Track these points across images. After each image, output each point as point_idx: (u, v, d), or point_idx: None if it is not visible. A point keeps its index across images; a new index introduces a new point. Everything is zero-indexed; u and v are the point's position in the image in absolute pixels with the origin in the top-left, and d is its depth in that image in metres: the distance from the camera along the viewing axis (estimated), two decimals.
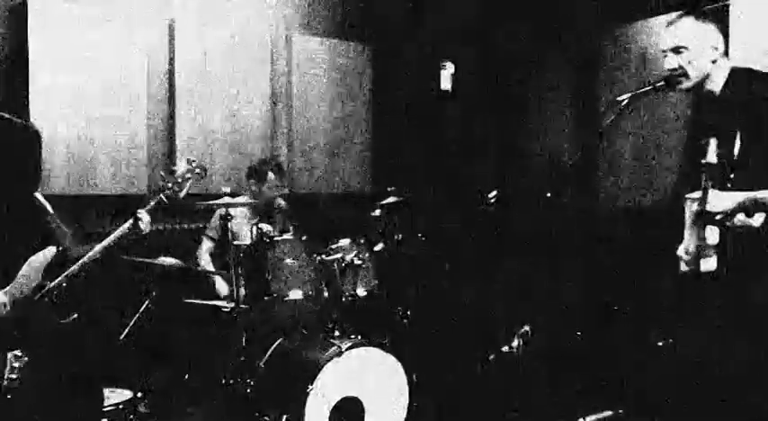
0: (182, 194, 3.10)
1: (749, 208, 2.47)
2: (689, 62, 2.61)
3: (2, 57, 4.29)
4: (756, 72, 2.63)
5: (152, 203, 3.00)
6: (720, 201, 2.49)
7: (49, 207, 2.91)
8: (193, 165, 3.13)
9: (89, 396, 2.79)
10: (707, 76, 2.63)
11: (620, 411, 3.99)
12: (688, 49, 2.60)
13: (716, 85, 2.64)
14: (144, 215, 2.94)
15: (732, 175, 2.52)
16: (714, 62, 2.61)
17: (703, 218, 2.51)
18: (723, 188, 2.51)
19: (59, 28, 4.34)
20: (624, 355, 4.31)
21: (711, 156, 2.47)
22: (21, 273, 2.62)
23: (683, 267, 2.65)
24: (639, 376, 4.03)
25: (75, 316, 2.68)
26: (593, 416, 3.93)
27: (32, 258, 2.64)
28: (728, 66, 2.64)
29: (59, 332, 2.67)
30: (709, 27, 2.63)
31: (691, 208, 2.58)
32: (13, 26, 4.30)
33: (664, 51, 2.66)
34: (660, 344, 3.96)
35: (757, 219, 2.47)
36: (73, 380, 2.69)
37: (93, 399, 2.84)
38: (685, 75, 2.62)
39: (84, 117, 4.45)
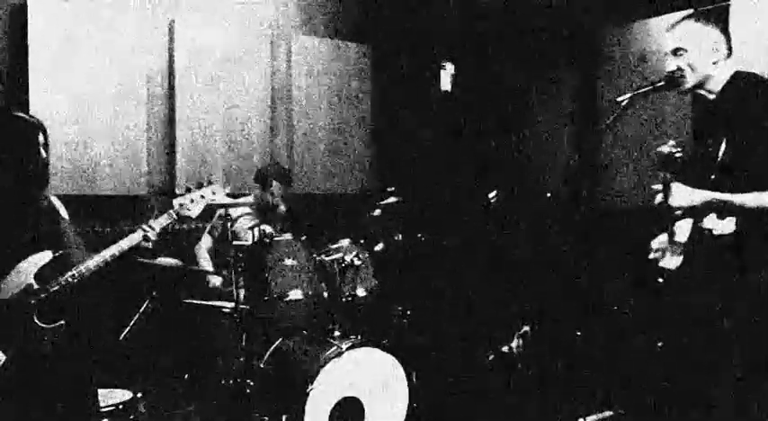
0: (194, 213, 2.94)
1: (717, 209, 2.46)
2: (688, 64, 2.60)
3: (2, 57, 4.29)
4: (759, 77, 2.61)
5: (160, 219, 2.82)
6: (684, 196, 2.49)
7: (64, 212, 2.78)
8: (215, 185, 2.99)
9: (75, 401, 2.67)
10: (708, 78, 2.62)
11: (621, 411, 3.99)
12: (687, 51, 2.59)
13: (716, 86, 2.62)
14: (152, 233, 2.77)
15: (713, 176, 2.51)
16: (715, 64, 2.60)
17: (665, 211, 2.50)
18: (696, 185, 2.50)
19: (59, 28, 4.34)
20: (624, 355, 4.31)
21: (666, 148, 2.47)
22: (8, 276, 2.52)
23: (651, 256, 2.66)
24: (639, 376, 4.03)
25: (63, 322, 2.56)
26: (594, 417, 3.93)
27: (22, 263, 2.54)
28: (732, 68, 2.62)
29: (40, 336, 2.53)
30: (710, 29, 2.61)
31: (654, 199, 2.58)
32: (14, 26, 4.30)
33: (665, 53, 2.66)
34: (660, 344, 3.96)
35: (728, 225, 2.45)
36: (54, 385, 2.58)
37: (80, 405, 2.70)
38: (684, 76, 2.61)
39: (84, 117, 4.45)
